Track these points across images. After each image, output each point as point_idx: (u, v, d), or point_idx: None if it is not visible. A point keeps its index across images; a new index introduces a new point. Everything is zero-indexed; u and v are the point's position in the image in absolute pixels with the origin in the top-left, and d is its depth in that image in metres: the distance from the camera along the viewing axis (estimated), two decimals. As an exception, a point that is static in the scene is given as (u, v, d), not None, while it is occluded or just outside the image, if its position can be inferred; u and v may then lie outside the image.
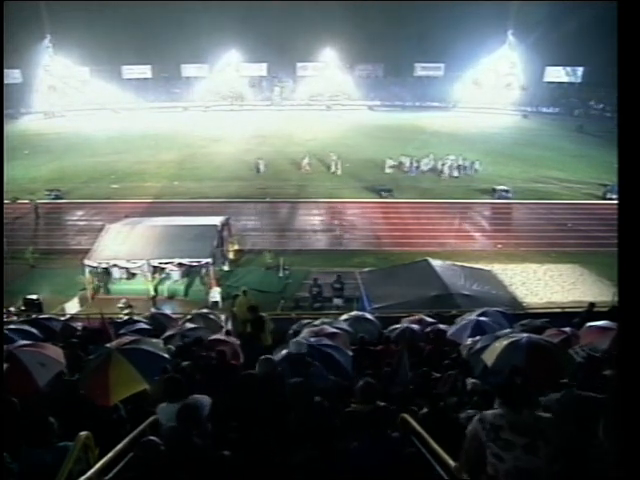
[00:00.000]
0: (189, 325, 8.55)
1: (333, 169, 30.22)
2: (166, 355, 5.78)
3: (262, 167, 30.37)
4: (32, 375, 4.83)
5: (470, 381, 5.43)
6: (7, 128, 40.33)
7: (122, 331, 8.08)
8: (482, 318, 7.76)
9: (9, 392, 4.42)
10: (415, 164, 30.64)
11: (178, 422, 3.86)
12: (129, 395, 5.02)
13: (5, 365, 4.76)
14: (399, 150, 33.01)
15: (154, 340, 6.34)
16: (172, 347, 6.96)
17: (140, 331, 8.07)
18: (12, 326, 7.65)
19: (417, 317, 9.60)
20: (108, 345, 5.60)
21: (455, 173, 29.75)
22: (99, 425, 4.17)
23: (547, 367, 5.08)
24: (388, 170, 30.31)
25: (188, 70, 65.62)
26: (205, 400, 4.40)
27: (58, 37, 57.54)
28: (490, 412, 3.08)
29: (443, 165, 30.03)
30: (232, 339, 7.55)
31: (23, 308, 13.53)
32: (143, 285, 15.76)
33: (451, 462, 3.44)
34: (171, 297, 15.94)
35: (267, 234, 21.15)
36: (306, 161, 30.74)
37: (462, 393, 5.39)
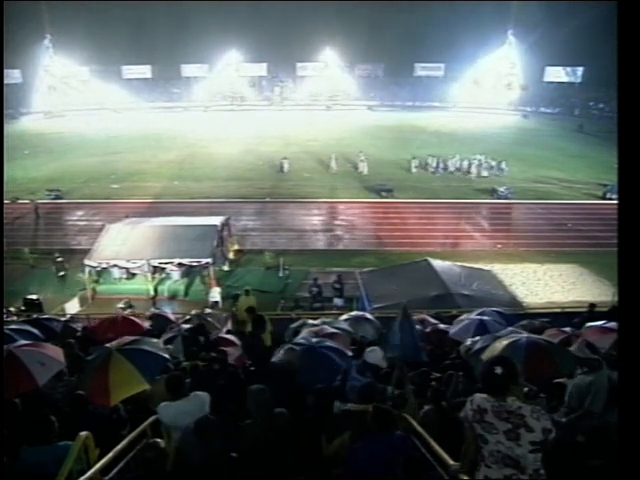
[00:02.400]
0: (186, 326, 8.54)
1: (360, 169, 30.17)
2: (166, 355, 5.78)
3: (286, 166, 30.26)
4: (32, 374, 4.82)
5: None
6: (7, 128, 40.36)
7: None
8: (484, 317, 7.76)
9: (9, 391, 4.42)
10: (442, 164, 30.64)
11: (197, 432, 3.74)
12: (129, 396, 5.02)
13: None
14: (399, 150, 33.05)
15: (154, 340, 6.35)
16: (170, 346, 6.97)
17: (140, 331, 8.07)
18: (13, 326, 7.65)
19: (420, 317, 9.58)
20: (108, 345, 5.61)
21: (484, 173, 29.80)
22: (99, 425, 4.17)
23: (546, 367, 5.09)
24: (414, 170, 30.24)
25: (188, 70, 65.62)
26: (206, 397, 4.41)
27: (58, 37, 57.54)
28: (480, 395, 3.21)
29: (470, 165, 30.09)
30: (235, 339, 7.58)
31: (23, 308, 13.52)
32: (143, 285, 15.75)
33: (451, 462, 3.45)
34: (171, 297, 15.93)
35: (267, 234, 21.16)
36: (333, 161, 30.59)
37: (463, 393, 5.39)
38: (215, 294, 14.88)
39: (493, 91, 60.58)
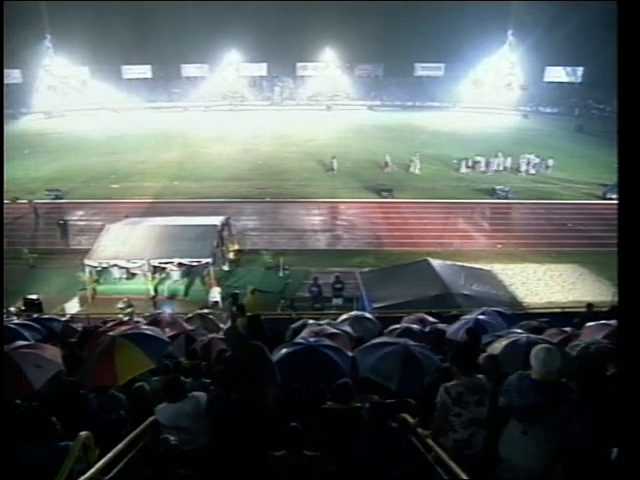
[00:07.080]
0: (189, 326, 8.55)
1: (412, 169, 30.24)
2: (166, 339, 6.04)
3: (335, 165, 29.96)
4: (27, 378, 4.74)
5: None
6: (7, 128, 40.30)
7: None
8: (481, 317, 7.76)
9: (5, 395, 4.40)
10: (491, 164, 30.87)
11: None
12: (136, 375, 5.26)
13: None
14: (399, 150, 32.98)
15: (152, 327, 6.60)
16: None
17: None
18: (17, 321, 7.70)
19: (418, 316, 9.57)
20: (111, 333, 5.71)
21: (532, 171, 30.20)
22: (99, 425, 4.17)
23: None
24: (464, 170, 30.51)
25: (188, 70, 65.50)
26: (203, 397, 4.42)
27: (58, 37, 57.41)
28: (451, 383, 3.74)
29: (519, 164, 30.39)
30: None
31: (23, 308, 13.53)
32: (143, 285, 15.77)
33: (451, 462, 3.45)
34: (171, 297, 15.95)
35: (267, 234, 21.16)
36: (389, 160, 30.56)
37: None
38: (215, 294, 14.89)
39: (493, 91, 60.45)
